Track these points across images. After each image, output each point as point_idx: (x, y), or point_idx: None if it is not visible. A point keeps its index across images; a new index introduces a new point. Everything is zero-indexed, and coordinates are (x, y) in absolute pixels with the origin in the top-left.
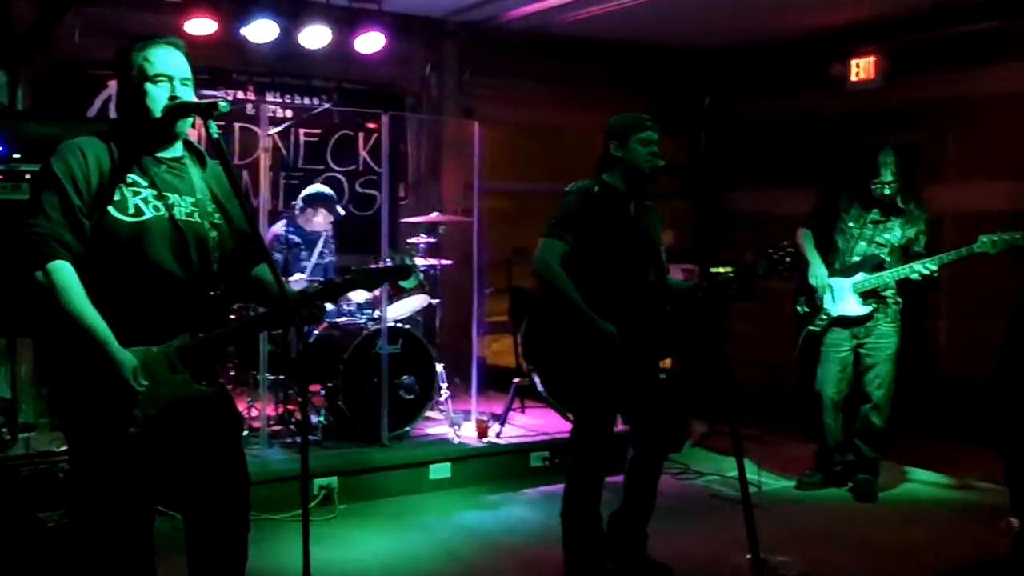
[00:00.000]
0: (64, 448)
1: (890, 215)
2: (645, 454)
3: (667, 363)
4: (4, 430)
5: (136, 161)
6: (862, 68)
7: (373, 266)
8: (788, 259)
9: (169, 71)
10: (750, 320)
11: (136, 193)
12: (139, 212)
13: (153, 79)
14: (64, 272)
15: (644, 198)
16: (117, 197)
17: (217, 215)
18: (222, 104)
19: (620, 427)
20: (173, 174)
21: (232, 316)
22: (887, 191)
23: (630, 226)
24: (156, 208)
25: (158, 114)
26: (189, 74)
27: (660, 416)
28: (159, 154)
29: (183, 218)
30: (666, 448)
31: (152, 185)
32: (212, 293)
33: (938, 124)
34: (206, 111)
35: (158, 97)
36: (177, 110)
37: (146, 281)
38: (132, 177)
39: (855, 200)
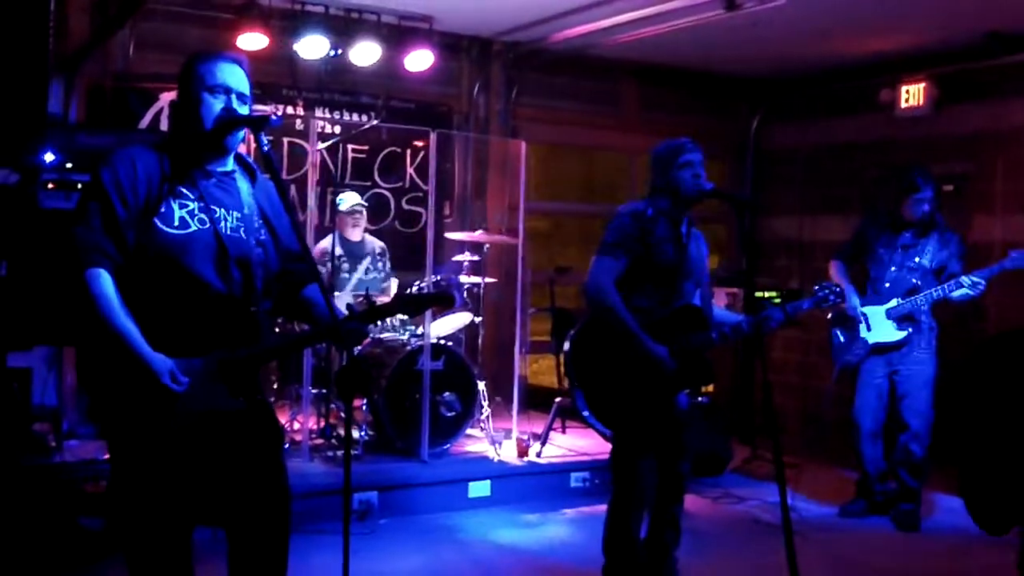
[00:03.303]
0: (107, 456)
1: (920, 239)
2: (669, 478)
3: (709, 388)
4: (49, 437)
5: (186, 174)
6: (912, 95)
7: (416, 291)
8: (833, 297)
9: (228, 84)
10: (786, 346)
11: (183, 206)
12: (184, 225)
13: (211, 89)
14: (101, 280)
15: (692, 224)
16: (163, 209)
17: (263, 232)
18: (273, 118)
19: None
20: (221, 188)
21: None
22: (926, 207)
23: (681, 250)
24: (201, 222)
25: (210, 124)
26: (247, 91)
27: (684, 441)
28: (209, 167)
29: (228, 233)
30: (686, 473)
31: (199, 199)
32: (253, 309)
33: (987, 153)
34: (257, 125)
35: (213, 106)
36: (229, 122)
37: (187, 293)
38: (180, 189)
39: (886, 226)
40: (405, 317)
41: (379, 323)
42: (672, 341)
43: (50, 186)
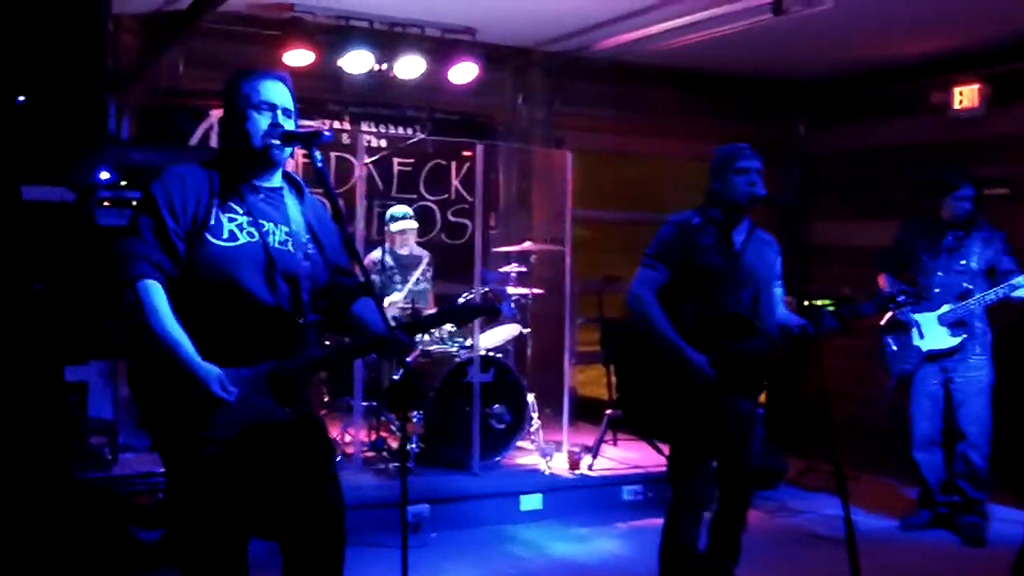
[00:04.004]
0: (163, 469)
1: (964, 240)
2: (733, 495)
3: (760, 399)
4: (105, 450)
5: (234, 189)
6: (966, 96)
7: (463, 302)
8: (903, 297)
9: (273, 100)
10: (839, 354)
11: (232, 219)
12: (233, 237)
13: (256, 106)
14: (152, 291)
15: (757, 231)
16: (213, 222)
17: (311, 246)
18: (325, 134)
19: None
20: (269, 203)
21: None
22: (967, 206)
23: (730, 258)
24: (250, 235)
25: (257, 140)
26: (292, 106)
27: (748, 454)
28: (257, 183)
29: (275, 246)
30: (751, 488)
31: (247, 213)
32: (300, 321)
33: None
34: (310, 140)
35: (259, 123)
36: (283, 138)
37: (235, 305)
38: (229, 204)
39: (926, 231)
40: (453, 329)
41: (427, 335)
42: (716, 349)
43: (105, 204)
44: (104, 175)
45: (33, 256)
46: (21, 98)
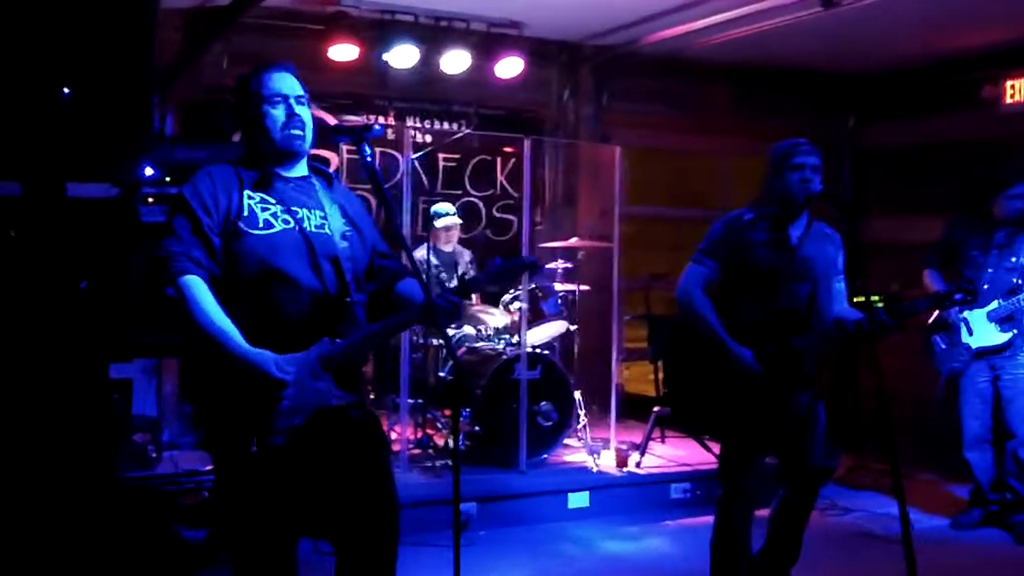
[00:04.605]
0: (209, 468)
1: (1016, 236)
2: (796, 493)
3: None
4: (150, 448)
5: (263, 181)
6: (1017, 90)
7: (503, 263)
8: (960, 295)
9: (284, 91)
10: (891, 350)
11: (265, 208)
12: (268, 225)
13: (269, 100)
14: (195, 285)
15: (816, 225)
16: (247, 214)
17: (348, 228)
18: (376, 127)
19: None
20: (300, 191)
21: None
22: (1020, 204)
23: (785, 253)
24: (286, 222)
25: (278, 134)
26: (303, 92)
27: (811, 451)
28: (284, 173)
29: (313, 230)
30: (817, 486)
31: (280, 201)
32: (348, 300)
33: None
34: (359, 134)
35: (276, 117)
36: (334, 131)
37: (280, 292)
38: (260, 194)
39: (977, 227)
40: (500, 326)
41: (477, 330)
42: (766, 345)
43: (150, 200)
44: (148, 171)
45: (78, 253)
46: (67, 90)
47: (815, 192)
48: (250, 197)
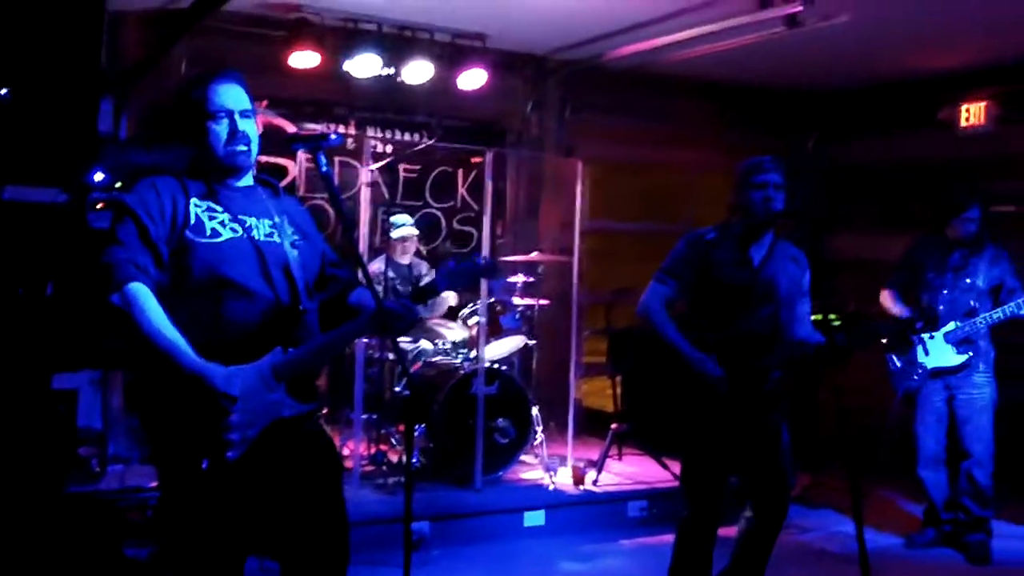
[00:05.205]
0: (155, 484)
1: (971, 258)
2: (762, 516)
3: None
4: (94, 461)
5: (208, 190)
6: (972, 113)
7: (460, 265)
8: (921, 323)
9: (228, 105)
10: (851, 368)
11: (212, 217)
12: (216, 234)
13: (213, 115)
14: (142, 294)
15: (782, 245)
16: (194, 222)
17: (296, 236)
18: (332, 137)
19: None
20: (247, 199)
21: None
22: (973, 228)
23: (748, 274)
24: (234, 230)
25: (221, 151)
26: (249, 106)
27: (779, 475)
28: (230, 183)
29: (262, 239)
30: (786, 506)
31: (227, 209)
32: (301, 308)
33: None
34: (315, 143)
35: (219, 133)
36: (288, 141)
37: (231, 301)
38: (207, 203)
39: (934, 249)
40: (458, 340)
41: (434, 344)
42: (730, 366)
43: (99, 206)
44: (98, 176)
45: (19, 260)
46: (4, 91)
47: (777, 210)
48: (196, 205)
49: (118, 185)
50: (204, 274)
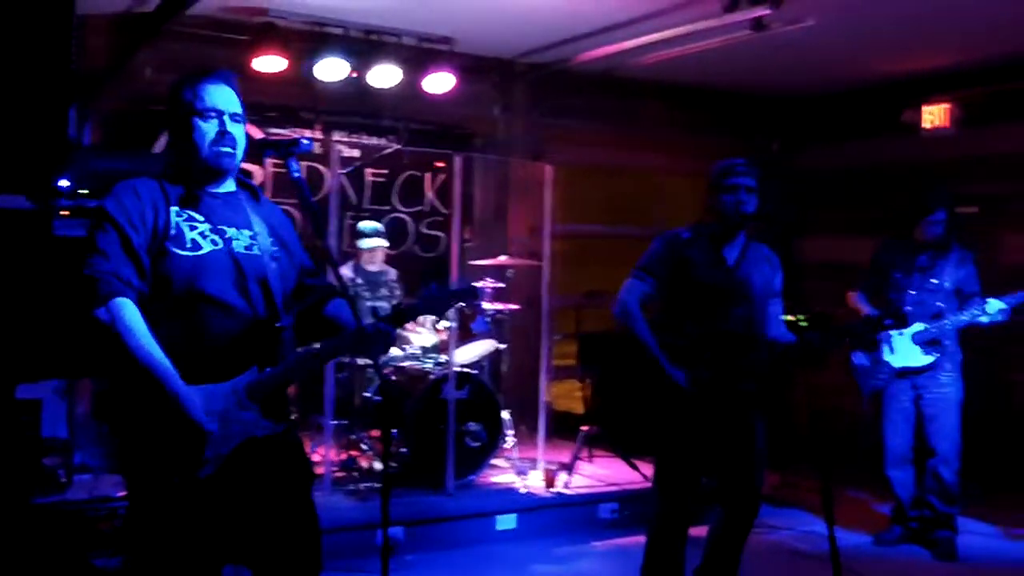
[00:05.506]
0: (124, 493)
1: (937, 259)
2: (734, 514)
3: None
4: (60, 472)
5: (189, 197)
6: (935, 116)
7: (440, 289)
8: (890, 320)
9: (219, 106)
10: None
11: (193, 227)
12: (196, 246)
13: (202, 114)
14: (126, 310)
15: (755, 246)
16: (174, 232)
17: (276, 248)
18: (303, 142)
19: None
20: (228, 208)
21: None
22: (939, 230)
23: (723, 273)
24: (214, 242)
25: (207, 151)
26: (240, 109)
27: (750, 474)
28: (211, 189)
29: (241, 251)
30: (757, 506)
31: (208, 219)
32: (277, 325)
33: (1016, 174)
34: (286, 149)
35: (206, 132)
36: (256, 146)
37: (208, 315)
38: (187, 212)
39: (901, 250)
40: (428, 345)
41: (403, 349)
42: (705, 365)
43: (64, 213)
44: (63, 183)
45: None
46: None
47: (748, 213)
48: (178, 215)
49: (83, 192)
50: (183, 287)
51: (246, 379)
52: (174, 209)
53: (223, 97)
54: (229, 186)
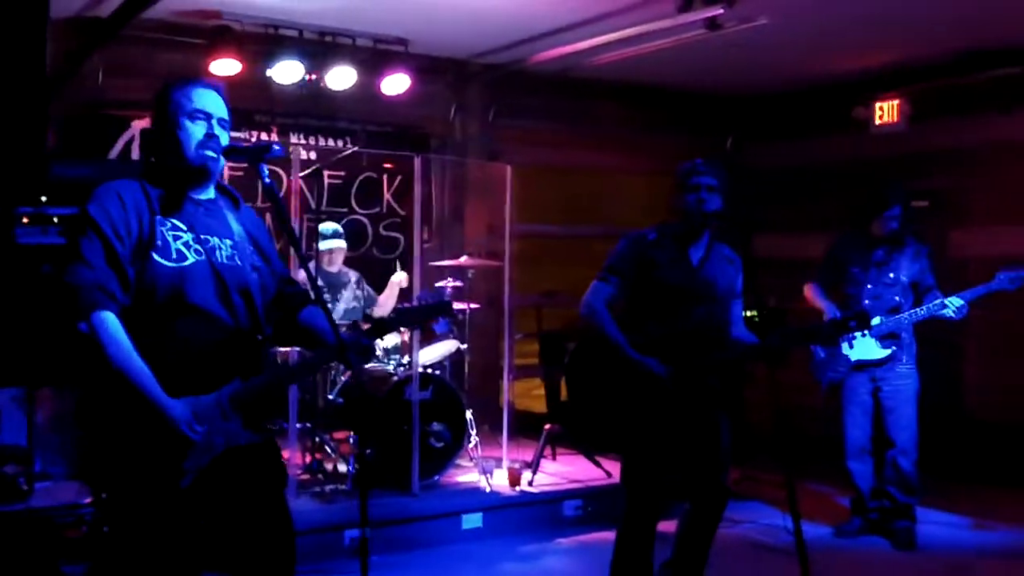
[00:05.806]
0: (89, 500)
1: (893, 254)
2: (702, 509)
3: None
4: (21, 480)
5: (173, 204)
6: (886, 112)
7: (417, 303)
8: (854, 323)
9: (208, 109)
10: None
11: (177, 237)
12: (181, 257)
13: (190, 115)
14: (110, 323)
15: (718, 247)
16: (159, 242)
17: (256, 257)
18: (275, 148)
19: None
20: (210, 216)
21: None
22: (895, 225)
23: (687, 274)
24: (198, 252)
25: (193, 152)
26: (227, 116)
27: (718, 469)
28: (193, 195)
29: (223, 262)
30: (725, 502)
31: (190, 228)
32: (259, 337)
33: (964, 169)
34: (256, 155)
35: (193, 134)
36: (225, 152)
37: (191, 326)
38: (171, 221)
39: (858, 245)
40: (390, 346)
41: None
42: (674, 363)
43: (24, 220)
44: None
45: None
46: None
47: (709, 211)
48: (161, 223)
49: (43, 199)
50: (166, 298)
51: (229, 390)
52: (158, 218)
53: (212, 101)
54: (210, 193)
